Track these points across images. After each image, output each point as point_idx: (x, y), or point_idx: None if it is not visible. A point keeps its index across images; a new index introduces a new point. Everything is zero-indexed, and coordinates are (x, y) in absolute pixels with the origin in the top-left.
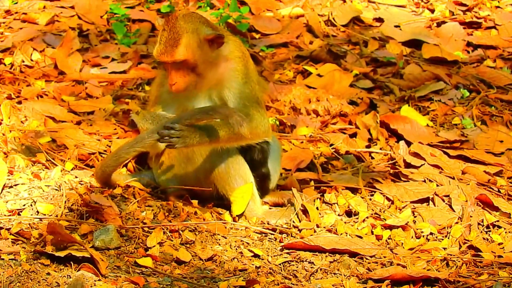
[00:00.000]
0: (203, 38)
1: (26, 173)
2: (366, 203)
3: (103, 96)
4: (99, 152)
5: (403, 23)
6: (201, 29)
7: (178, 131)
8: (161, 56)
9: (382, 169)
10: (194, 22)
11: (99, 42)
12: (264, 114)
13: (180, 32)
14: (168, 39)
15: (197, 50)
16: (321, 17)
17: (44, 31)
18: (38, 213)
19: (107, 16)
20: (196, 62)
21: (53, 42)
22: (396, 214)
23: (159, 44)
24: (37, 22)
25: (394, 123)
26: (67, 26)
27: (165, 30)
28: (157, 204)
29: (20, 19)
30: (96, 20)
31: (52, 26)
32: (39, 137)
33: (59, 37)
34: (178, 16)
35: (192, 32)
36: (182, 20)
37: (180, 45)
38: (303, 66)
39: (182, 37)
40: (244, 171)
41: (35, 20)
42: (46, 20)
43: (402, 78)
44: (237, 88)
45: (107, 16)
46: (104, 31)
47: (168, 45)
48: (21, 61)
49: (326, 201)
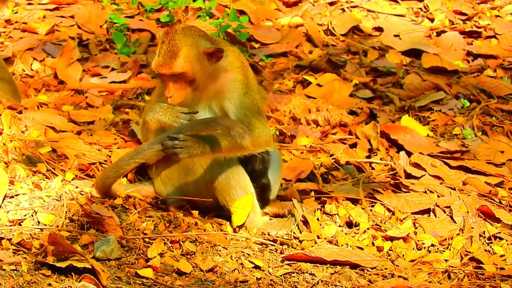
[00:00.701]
0: (202, 51)
1: (27, 183)
2: (366, 214)
3: (103, 105)
4: (100, 162)
5: (403, 32)
6: (200, 43)
7: (182, 141)
8: (159, 68)
9: (383, 179)
10: (194, 36)
11: (99, 52)
12: (265, 123)
13: (179, 45)
14: (166, 51)
15: (196, 63)
16: (320, 27)
17: (44, 40)
18: (39, 224)
19: (106, 25)
20: (194, 75)
21: (53, 51)
22: (397, 225)
23: (157, 56)
24: (37, 31)
25: (394, 133)
26: (67, 35)
27: (164, 43)
28: (157, 215)
29: (20, 29)
30: (96, 30)
31: (52, 35)
32: (40, 147)
33: (59, 47)
34: (177, 29)
35: (191, 45)
36: (181, 33)
37: (178, 57)
38: (303, 75)
39: (181, 50)
40: (244, 181)
41: (35, 29)
42: (46, 30)
43: (402, 88)
44: (238, 98)
45: (107, 25)
46: (104, 41)
47: (167, 57)
48: (21, 71)
49: (327, 212)
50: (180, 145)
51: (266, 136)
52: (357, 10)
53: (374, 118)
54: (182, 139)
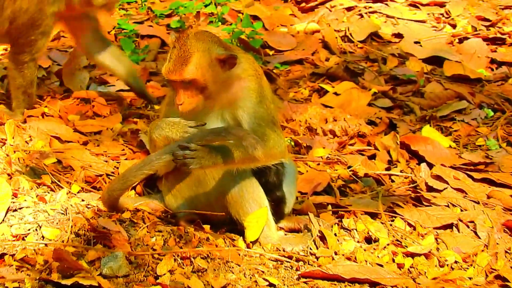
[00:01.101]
0: (214, 58)
1: (31, 195)
2: (386, 229)
3: (111, 115)
4: (107, 173)
5: (424, 39)
6: (212, 49)
7: (193, 151)
8: (170, 74)
9: (403, 193)
10: (206, 41)
11: None
12: (280, 134)
13: (191, 51)
14: (177, 57)
15: (208, 70)
16: (337, 33)
17: (49, 47)
18: (44, 238)
19: (114, 31)
20: (206, 82)
21: (59, 58)
22: (418, 241)
23: (168, 62)
24: None
25: (415, 144)
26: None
27: (175, 48)
28: (167, 230)
29: None
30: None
31: (57, 42)
32: (44, 158)
33: (65, 54)
34: (189, 34)
35: (203, 51)
36: (193, 38)
37: (189, 63)
38: (319, 84)
39: (192, 56)
40: (258, 194)
41: None
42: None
43: (423, 97)
44: (251, 107)
45: (115, 31)
46: None
47: (177, 63)
48: None
49: (345, 226)
50: (191, 155)
51: (280, 147)
52: (376, 16)
53: (394, 129)
54: (193, 148)
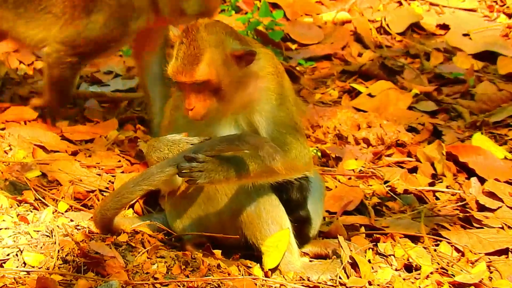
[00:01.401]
0: (229, 53)
1: (10, 215)
2: (430, 255)
3: (105, 120)
4: (100, 189)
5: (474, 31)
6: (227, 43)
7: (201, 163)
8: (179, 75)
9: (450, 212)
10: (219, 34)
11: None
12: (304, 142)
13: (202, 46)
14: (187, 55)
15: (222, 68)
16: (372, 24)
17: None
18: (25, 265)
19: None
20: (220, 83)
21: None
22: (467, 269)
23: (175, 60)
24: None
25: (464, 155)
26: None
27: (184, 44)
28: (171, 255)
29: None
30: None
31: None
32: (26, 170)
33: None
34: (199, 26)
35: (216, 46)
36: (204, 31)
37: (201, 62)
38: (350, 83)
39: (205, 53)
40: (279, 214)
41: None
42: None
43: (473, 99)
44: (270, 111)
45: None
46: None
47: (187, 62)
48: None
49: (380, 252)
50: (198, 168)
51: (304, 157)
52: (417, 4)
53: (439, 137)
54: (201, 160)
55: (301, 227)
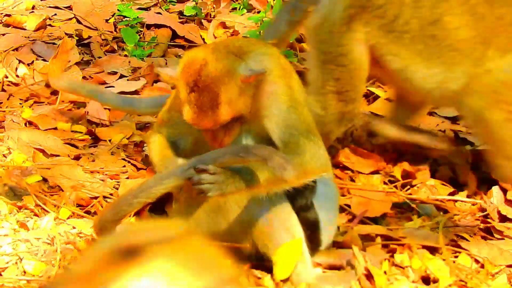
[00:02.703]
0: (240, 81)
1: (9, 221)
2: (448, 267)
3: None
4: (104, 195)
5: None
6: (235, 68)
7: (212, 175)
8: (201, 124)
9: (470, 223)
10: (226, 61)
11: (104, 54)
12: (318, 142)
13: (215, 89)
14: (202, 101)
15: (240, 99)
16: None
17: (33, 38)
18: (25, 274)
19: (114, 19)
20: (241, 112)
21: (45, 52)
22: (487, 281)
23: (191, 108)
24: (24, 26)
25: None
26: (62, 32)
27: (195, 91)
28: None
29: (3, 23)
30: (100, 25)
31: (43, 32)
32: (26, 175)
33: (52, 47)
34: (203, 63)
35: (228, 82)
36: (212, 65)
37: (221, 106)
38: (368, 87)
39: (219, 94)
40: (291, 222)
41: (21, 24)
42: (36, 25)
43: None
44: (280, 115)
45: (115, 19)
46: (111, 39)
47: (206, 109)
48: (3, 77)
49: (397, 263)
50: (209, 181)
51: (320, 159)
52: None
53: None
54: (212, 172)
55: (314, 235)
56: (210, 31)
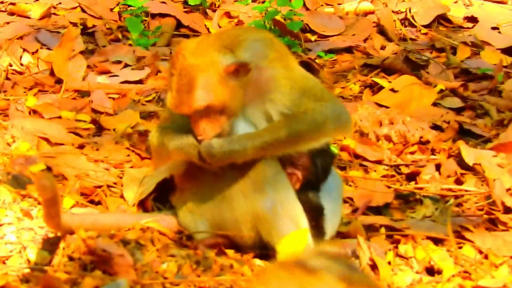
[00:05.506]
0: (223, 71)
1: (13, 210)
2: (452, 258)
3: (114, 113)
4: (108, 184)
5: (503, 24)
6: (217, 59)
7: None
8: (178, 108)
9: (474, 213)
10: (207, 51)
11: (109, 43)
12: (331, 96)
13: (193, 74)
14: (179, 86)
15: (220, 88)
16: (396, 15)
17: (37, 27)
18: (29, 262)
19: (119, 8)
20: (223, 103)
21: (49, 41)
22: (491, 272)
23: (171, 93)
24: (29, 15)
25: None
26: (67, 21)
27: (174, 75)
28: (182, 254)
29: (7, 11)
30: (105, 14)
31: (47, 20)
32: (30, 164)
33: (56, 35)
34: (184, 53)
35: (207, 68)
36: (191, 57)
37: (196, 90)
38: (372, 78)
39: (196, 79)
40: (296, 212)
41: (26, 12)
42: (41, 13)
43: (501, 96)
44: (283, 98)
45: (119, 8)
46: (115, 29)
47: (182, 94)
48: (7, 66)
49: (401, 254)
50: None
51: (338, 110)
52: None
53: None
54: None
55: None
56: (214, 20)
